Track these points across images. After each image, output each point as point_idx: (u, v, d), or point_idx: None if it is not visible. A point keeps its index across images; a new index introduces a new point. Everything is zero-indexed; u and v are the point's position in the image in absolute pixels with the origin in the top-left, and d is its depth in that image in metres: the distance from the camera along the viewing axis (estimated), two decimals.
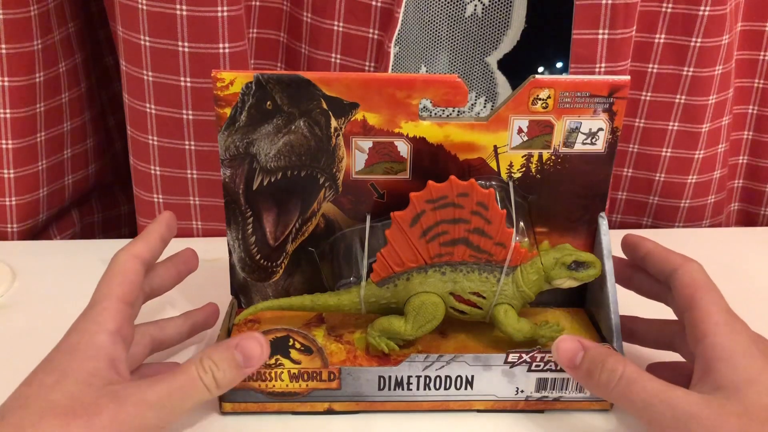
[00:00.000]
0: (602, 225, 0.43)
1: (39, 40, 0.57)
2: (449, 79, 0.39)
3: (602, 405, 0.41)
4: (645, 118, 0.64)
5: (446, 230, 0.39)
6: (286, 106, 0.40)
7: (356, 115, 0.40)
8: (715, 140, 0.64)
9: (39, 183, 0.62)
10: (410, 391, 0.40)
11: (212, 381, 0.35)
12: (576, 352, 0.37)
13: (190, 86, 0.55)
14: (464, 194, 0.38)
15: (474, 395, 0.41)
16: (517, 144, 0.41)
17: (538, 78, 0.39)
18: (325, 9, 0.55)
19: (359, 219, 0.43)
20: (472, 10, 0.61)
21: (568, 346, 0.37)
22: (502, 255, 0.40)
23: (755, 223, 0.72)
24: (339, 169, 0.42)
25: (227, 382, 0.36)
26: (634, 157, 0.66)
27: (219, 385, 0.35)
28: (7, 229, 0.62)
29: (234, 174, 0.42)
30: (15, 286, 0.54)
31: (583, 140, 0.41)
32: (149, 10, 0.52)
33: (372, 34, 0.56)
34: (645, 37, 0.60)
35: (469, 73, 0.64)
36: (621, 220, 0.70)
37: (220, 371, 0.35)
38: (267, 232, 0.43)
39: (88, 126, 0.65)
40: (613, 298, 0.41)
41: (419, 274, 0.40)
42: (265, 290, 0.45)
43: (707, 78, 0.60)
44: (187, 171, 0.59)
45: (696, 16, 0.58)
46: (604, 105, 0.40)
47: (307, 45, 0.57)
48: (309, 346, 0.39)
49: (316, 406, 0.41)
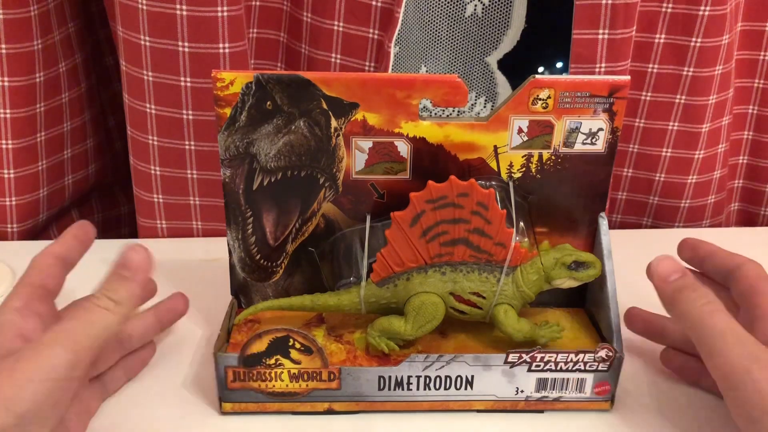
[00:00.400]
0: (602, 225, 0.43)
1: (39, 40, 0.57)
2: (449, 79, 0.39)
3: (602, 405, 0.41)
4: (645, 118, 0.63)
5: (446, 230, 0.39)
6: (286, 106, 0.40)
7: (356, 115, 0.40)
8: (715, 140, 0.64)
9: (39, 183, 0.62)
10: (410, 391, 0.40)
11: (108, 301, 0.36)
12: (674, 271, 0.39)
13: (190, 86, 0.55)
14: (464, 194, 0.38)
15: (474, 395, 0.41)
16: (517, 144, 0.41)
17: (538, 78, 0.39)
18: (325, 9, 0.55)
19: (359, 219, 0.43)
20: (472, 10, 0.61)
21: (669, 264, 0.39)
22: (502, 255, 0.40)
23: (755, 223, 0.72)
24: (339, 169, 0.42)
25: (121, 297, 0.36)
26: (634, 157, 0.66)
27: (116, 301, 0.36)
28: (7, 229, 0.62)
29: (234, 174, 0.42)
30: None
31: (583, 140, 0.41)
32: (149, 10, 0.52)
33: (372, 34, 0.56)
34: (645, 37, 0.60)
35: (469, 73, 0.64)
36: (621, 220, 0.70)
37: (110, 290, 0.36)
38: (267, 232, 0.43)
39: (88, 126, 0.65)
40: (613, 298, 0.41)
41: (419, 274, 0.40)
42: (265, 290, 0.45)
43: (707, 78, 0.60)
44: (187, 171, 0.59)
45: (696, 16, 0.58)
46: (604, 105, 0.40)
47: (307, 45, 0.57)
48: (309, 346, 0.39)
49: (316, 406, 0.41)
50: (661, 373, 0.45)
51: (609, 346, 0.39)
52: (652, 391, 0.43)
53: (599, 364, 0.40)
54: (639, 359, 0.46)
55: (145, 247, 0.38)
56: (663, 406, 0.42)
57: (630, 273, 0.48)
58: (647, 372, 0.45)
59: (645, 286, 0.40)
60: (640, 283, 0.42)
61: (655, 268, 0.39)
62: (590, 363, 0.40)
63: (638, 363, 0.45)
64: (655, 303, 0.43)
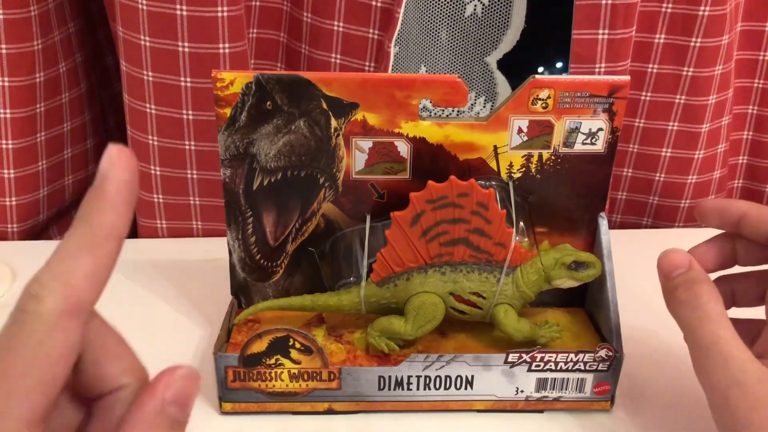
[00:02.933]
0: (602, 225, 0.43)
1: (39, 40, 0.57)
2: (449, 79, 0.39)
3: (602, 405, 0.41)
4: (645, 118, 0.63)
5: (446, 230, 0.39)
6: (286, 106, 0.40)
7: (356, 115, 0.40)
8: (715, 140, 0.64)
9: (39, 183, 0.62)
10: (410, 391, 0.40)
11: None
12: (679, 266, 0.36)
13: (190, 86, 0.55)
14: (464, 194, 0.38)
15: (474, 395, 0.41)
16: (517, 144, 0.41)
17: (538, 78, 0.39)
18: (325, 9, 0.55)
19: (359, 219, 0.43)
20: (472, 10, 0.61)
21: (674, 258, 0.36)
22: (502, 255, 0.40)
23: None
24: (339, 169, 0.42)
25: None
26: (634, 157, 0.66)
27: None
28: (7, 229, 0.62)
29: (234, 174, 0.42)
30: (15, 286, 0.54)
31: (583, 140, 0.41)
32: (149, 10, 0.52)
33: (372, 34, 0.56)
34: (645, 37, 0.60)
35: (469, 73, 0.64)
36: (621, 220, 0.70)
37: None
38: (267, 232, 0.43)
39: (88, 126, 0.65)
40: (613, 299, 0.41)
41: (419, 274, 0.40)
42: (265, 290, 0.45)
43: (707, 78, 0.60)
44: (187, 171, 0.59)
45: (696, 16, 0.58)
46: (604, 105, 0.40)
47: (307, 45, 0.57)
48: (309, 346, 0.39)
49: (316, 406, 0.41)
50: (661, 373, 0.45)
51: (609, 346, 0.40)
52: (652, 391, 0.43)
53: (599, 364, 0.40)
54: (639, 359, 0.46)
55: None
56: (663, 406, 0.42)
57: (630, 273, 0.48)
58: (647, 372, 0.45)
59: (645, 286, 0.40)
60: (640, 283, 0.42)
61: (659, 263, 0.36)
62: (590, 363, 0.40)
63: (638, 363, 0.45)
64: (655, 303, 0.43)
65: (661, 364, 0.45)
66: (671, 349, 0.46)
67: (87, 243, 0.23)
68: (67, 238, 0.23)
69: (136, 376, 0.25)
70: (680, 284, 0.35)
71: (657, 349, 0.45)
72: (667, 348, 0.47)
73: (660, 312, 0.42)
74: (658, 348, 0.45)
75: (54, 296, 0.22)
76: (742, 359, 0.32)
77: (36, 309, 0.22)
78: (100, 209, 0.23)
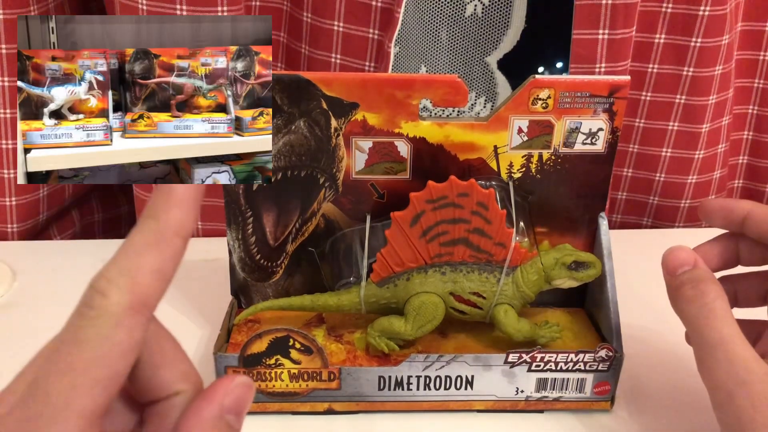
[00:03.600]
0: (602, 225, 0.43)
1: None
2: (449, 79, 0.39)
3: (602, 405, 0.41)
4: (645, 118, 0.63)
5: (446, 230, 0.39)
6: (286, 106, 0.40)
7: (356, 115, 0.40)
8: (715, 140, 0.64)
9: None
10: (410, 391, 0.40)
11: None
12: (684, 263, 0.35)
13: None
14: (464, 194, 0.38)
15: (474, 395, 0.41)
16: (517, 144, 0.41)
17: (538, 78, 0.39)
18: (325, 9, 0.55)
19: (359, 219, 0.43)
20: (472, 10, 0.61)
21: (679, 255, 0.36)
22: (502, 255, 0.40)
23: None
24: (339, 169, 0.42)
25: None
26: (634, 157, 0.66)
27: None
28: (7, 229, 0.62)
29: None
30: (15, 286, 0.54)
31: (583, 140, 0.41)
32: (149, 10, 0.52)
33: (372, 34, 0.56)
34: (645, 37, 0.60)
35: (469, 73, 0.64)
36: (621, 220, 0.70)
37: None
38: (267, 232, 0.43)
39: None
40: (613, 299, 0.41)
41: (419, 274, 0.40)
42: (265, 290, 0.45)
43: (707, 78, 0.60)
44: None
45: (696, 16, 0.58)
46: (604, 105, 0.40)
47: (307, 45, 0.57)
48: (309, 346, 0.39)
49: (316, 406, 0.41)
50: (661, 373, 0.45)
51: (609, 346, 0.39)
52: (652, 391, 0.43)
53: (599, 364, 0.40)
54: (639, 359, 0.46)
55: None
56: (663, 406, 0.42)
57: (630, 273, 0.48)
58: (647, 372, 0.45)
59: (645, 285, 0.40)
60: (641, 282, 0.42)
61: (664, 260, 0.36)
62: (590, 363, 0.40)
63: (638, 363, 0.45)
64: (656, 303, 0.43)
65: (662, 364, 0.45)
66: (671, 349, 0.46)
67: (154, 239, 0.23)
68: (133, 234, 0.23)
69: (192, 382, 0.25)
70: (686, 282, 0.35)
71: (657, 349, 0.45)
72: (668, 348, 0.47)
73: (660, 312, 0.42)
74: (658, 348, 0.45)
75: (120, 292, 0.22)
76: (747, 358, 0.32)
77: (102, 304, 0.22)
78: (167, 206, 0.23)
